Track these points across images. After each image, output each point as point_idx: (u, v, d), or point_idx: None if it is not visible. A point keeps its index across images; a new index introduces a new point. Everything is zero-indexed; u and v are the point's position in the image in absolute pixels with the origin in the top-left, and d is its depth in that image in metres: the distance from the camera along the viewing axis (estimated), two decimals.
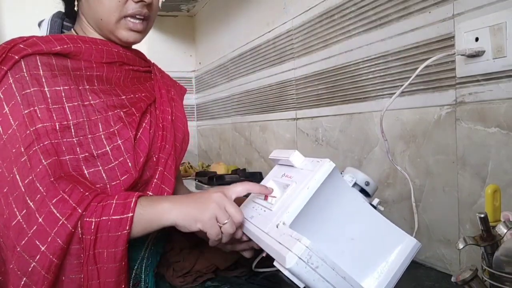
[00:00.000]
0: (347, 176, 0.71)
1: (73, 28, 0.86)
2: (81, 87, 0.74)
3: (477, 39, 0.75)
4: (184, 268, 0.83)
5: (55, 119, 0.70)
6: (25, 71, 0.70)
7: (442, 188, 0.85)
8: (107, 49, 0.80)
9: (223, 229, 0.66)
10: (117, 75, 0.81)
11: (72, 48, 0.75)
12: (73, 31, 0.85)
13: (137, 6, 0.77)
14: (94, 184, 0.70)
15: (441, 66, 0.83)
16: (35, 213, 0.62)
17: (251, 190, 0.72)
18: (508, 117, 0.72)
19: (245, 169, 1.80)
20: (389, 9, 0.97)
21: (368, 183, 0.73)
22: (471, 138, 0.78)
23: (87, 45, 0.77)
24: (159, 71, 0.95)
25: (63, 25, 0.89)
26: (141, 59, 0.90)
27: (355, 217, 0.64)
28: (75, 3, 0.81)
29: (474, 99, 0.78)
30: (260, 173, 1.61)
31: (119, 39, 0.80)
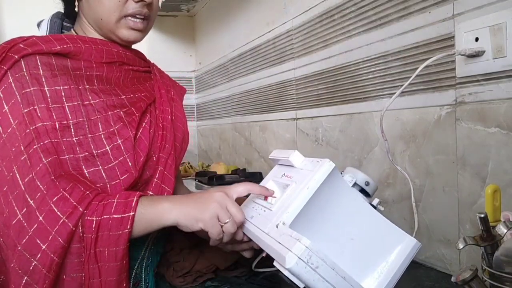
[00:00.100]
0: (347, 176, 0.71)
1: (72, 28, 0.86)
2: (81, 87, 0.74)
3: (477, 39, 0.75)
4: (184, 268, 0.83)
5: (55, 118, 0.70)
6: (25, 70, 0.70)
7: (442, 188, 0.85)
8: (106, 49, 0.80)
9: (224, 229, 0.66)
10: (117, 75, 0.81)
11: (72, 48, 0.75)
12: (73, 31, 0.85)
13: (137, 6, 0.77)
14: (94, 183, 0.70)
15: (441, 66, 0.83)
16: (36, 211, 0.62)
17: (252, 190, 0.72)
18: (508, 117, 0.72)
19: (245, 169, 1.80)
20: (389, 9, 0.97)
21: (368, 183, 0.73)
22: (471, 138, 0.78)
23: (87, 45, 0.77)
24: (158, 71, 0.95)
25: (63, 25, 0.89)
26: (141, 59, 0.90)
27: (355, 217, 0.64)
28: (76, 3, 0.81)
29: (474, 99, 0.78)
30: (260, 173, 1.61)
31: (119, 38, 0.80)
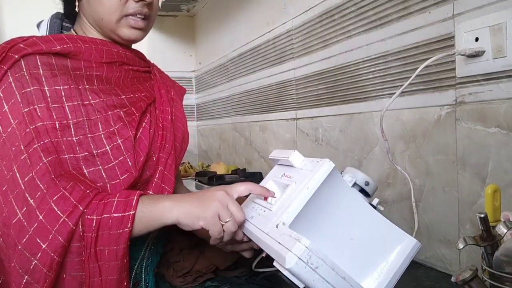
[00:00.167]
0: (347, 176, 0.71)
1: (72, 28, 0.86)
2: (81, 87, 0.74)
3: (477, 39, 0.75)
4: (184, 268, 0.83)
5: (55, 118, 0.70)
6: (25, 70, 0.70)
7: (442, 188, 0.85)
8: (106, 49, 0.80)
9: (225, 228, 0.66)
10: (117, 75, 0.81)
11: (72, 48, 0.75)
12: (73, 31, 0.85)
13: (137, 5, 0.77)
14: (94, 183, 0.70)
15: (441, 66, 0.83)
16: (36, 210, 0.62)
17: (253, 190, 0.72)
18: (508, 117, 0.72)
19: (245, 169, 1.80)
20: (389, 9, 0.96)
21: (367, 183, 0.73)
22: (471, 138, 0.78)
23: (86, 45, 0.77)
24: (158, 72, 0.95)
25: (62, 25, 0.89)
26: (141, 59, 0.90)
27: (355, 217, 0.64)
28: (76, 3, 0.81)
29: (474, 99, 0.78)
30: (260, 173, 1.61)
31: (120, 38, 0.80)
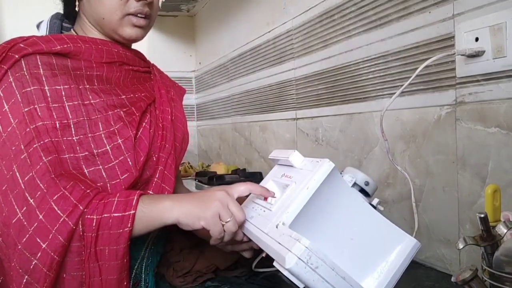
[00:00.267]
0: (347, 176, 0.71)
1: (72, 28, 0.86)
2: (81, 87, 0.74)
3: (477, 39, 0.75)
4: (184, 268, 0.83)
5: (55, 117, 0.70)
6: (25, 70, 0.70)
7: (442, 188, 0.85)
8: (107, 49, 0.80)
9: (225, 228, 0.66)
10: (117, 75, 0.81)
11: (72, 47, 0.75)
12: (73, 31, 0.85)
13: (138, 5, 0.78)
14: (94, 183, 0.70)
15: (441, 66, 0.83)
16: (36, 210, 0.62)
17: (253, 191, 0.72)
18: (508, 117, 0.72)
19: (245, 169, 1.80)
20: (389, 9, 0.96)
21: (367, 183, 0.73)
22: (471, 138, 0.78)
23: (87, 45, 0.77)
24: (158, 72, 0.95)
25: (62, 26, 0.89)
26: (141, 59, 0.90)
27: (354, 217, 0.64)
28: (76, 3, 0.81)
29: (474, 99, 0.78)
30: (260, 173, 1.61)
31: (122, 37, 0.80)
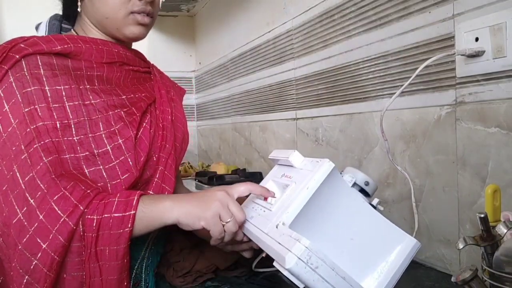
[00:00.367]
0: (347, 176, 0.71)
1: (73, 29, 0.86)
2: (82, 87, 0.74)
3: (477, 39, 0.75)
4: (184, 268, 0.83)
5: (55, 118, 0.70)
6: (25, 70, 0.70)
7: (442, 188, 0.85)
8: (107, 49, 0.80)
9: (226, 228, 0.66)
10: (117, 75, 0.81)
11: (72, 48, 0.75)
12: (73, 32, 0.85)
13: (141, 3, 0.78)
14: (95, 183, 0.70)
15: (441, 66, 0.83)
16: (36, 210, 0.62)
17: (253, 191, 0.72)
18: (508, 117, 0.72)
19: (245, 169, 1.80)
20: (389, 9, 0.96)
21: (367, 183, 0.73)
22: (471, 138, 0.78)
23: (87, 45, 0.77)
24: (158, 72, 0.95)
25: (61, 27, 0.89)
26: (141, 60, 0.90)
27: (354, 217, 0.64)
28: (78, 4, 0.81)
29: (474, 99, 0.78)
30: (260, 173, 1.61)
31: (125, 36, 0.80)
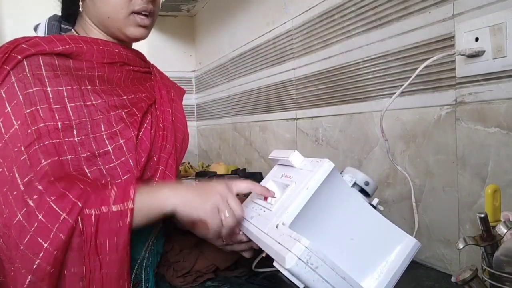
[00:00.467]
0: (347, 176, 0.71)
1: (73, 29, 0.86)
2: (83, 88, 0.75)
3: (477, 39, 0.75)
4: (184, 268, 0.83)
5: (57, 118, 0.70)
6: (27, 71, 0.70)
7: (442, 188, 0.85)
8: (108, 49, 0.80)
9: (224, 222, 0.67)
10: (118, 75, 0.81)
11: (74, 48, 0.75)
12: (74, 32, 0.85)
13: (142, 2, 0.78)
14: (94, 181, 0.70)
15: (441, 66, 0.83)
16: (35, 210, 0.62)
17: (254, 189, 0.72)
18: (508, 117, 0.72)
19: (245, 169, 1.80)
20: (389, 9, 0.96)
21: (367, 183, 0.73)
22: (471, 138, 0.78)
23: (88, 46, 0.77)
24: (158, 72, 0.95)
25: (61, 27, 0.89)
26: (141, 60, 0.90)
27: (354, 217, 0.64)
28: (80, 4, 0.81)
29: (474, 99, 0.78)
30: (260, 173, 1.61)
31: (126, 36, 0.80)
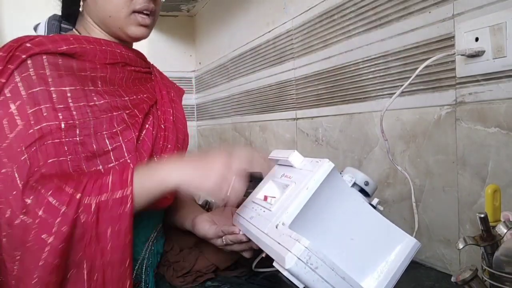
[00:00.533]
0: (347, 176, 0.71)
1: (74, 28, 0.86)
2: (86, 88, 0.75)
3: (477, 39, 0.75)
4: (184, 268, 0.83)
5: (60, 118, 0.70)
6: (31, 70, 0.70)
7: (442, 188, 0.85)
8: (110, 49, 0.80)
9: (226, 199, 0.66)
10: (120, 76, 0.81)
11: (77, 48, 0.75)
12: (75, 31, 0.85)
13: (143, 1, 0.78)
14: None
15: (441, 66, 0.83)
16: (35, 208, 0.62)
17: (252, 168, 0.72)
18: (508, 117, 0.72)
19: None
20: (389, 9, 0.96)
21: (367, 183, 0.73)
22: (471, 138, 0.78)
23: (91, 46, 0.77)
24: (158, 72, 0.95)
25: (61, 27, 0.89)
26: (142, 60, 0.90)
27: (354, 217, 0.64)
28: (81, 4, 0.81)
29: (474, 99, 0.77)
30: (260, 173, 1.61)
31: (128, 36, 0.80)
